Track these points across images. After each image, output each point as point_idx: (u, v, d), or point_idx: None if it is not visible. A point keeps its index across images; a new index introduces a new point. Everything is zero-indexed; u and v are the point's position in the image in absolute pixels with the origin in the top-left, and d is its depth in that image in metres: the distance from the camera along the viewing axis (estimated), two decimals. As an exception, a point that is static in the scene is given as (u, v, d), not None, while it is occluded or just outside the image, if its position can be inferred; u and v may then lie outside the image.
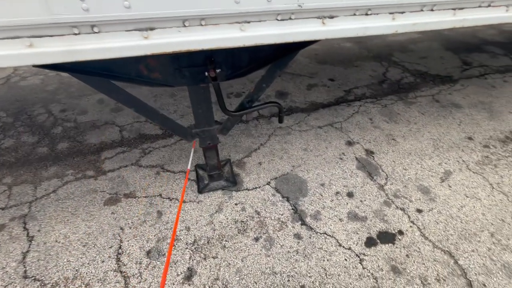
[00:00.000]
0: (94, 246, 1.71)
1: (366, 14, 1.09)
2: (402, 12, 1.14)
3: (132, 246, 1.72)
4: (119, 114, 2.87)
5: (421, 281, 1.57)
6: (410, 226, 1.85)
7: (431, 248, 1.73)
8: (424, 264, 1.65)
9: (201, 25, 0.94)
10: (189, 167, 1.92)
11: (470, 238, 1.79)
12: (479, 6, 1.24)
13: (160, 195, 2.04)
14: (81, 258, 1.65)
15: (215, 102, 1.55)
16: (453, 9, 1.20)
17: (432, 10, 1.17)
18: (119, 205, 1.96)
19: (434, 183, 2.16)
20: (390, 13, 1.13)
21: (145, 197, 2.02)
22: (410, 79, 3.57)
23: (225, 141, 2.53)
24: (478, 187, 2.14)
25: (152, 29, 0.90)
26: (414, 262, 1.66)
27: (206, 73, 1.33)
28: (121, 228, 1.81)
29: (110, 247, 1.71)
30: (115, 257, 1.66)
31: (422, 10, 1.17)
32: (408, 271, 1.61)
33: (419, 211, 1.95)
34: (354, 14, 1.08)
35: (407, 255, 1.69)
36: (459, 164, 2.34)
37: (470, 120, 2.85)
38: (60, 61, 0.84)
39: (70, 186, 2.09)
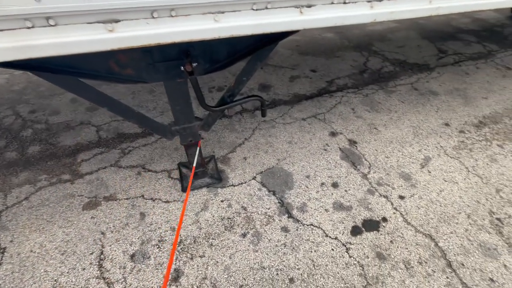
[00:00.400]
0: (73, 254, 1.63)
1: (344, 3, 1.07)
2: (380, 0, 1.12)
3: (115, 250, 1.65)
4: (95, 114, 2.73)
5: (405, 265, 1.62)
6: (394, 213, 1.90)
7: (413, 232, 1.79)
8: (407, 248, 1.71)
9: (171, 16, 0.88)
10: (194, 164, 1.78)
11: (448, 220, 1.87)
12: (454, -6, 1.25)
13: (143, 196, 1.97)
14: (59, 267, 1.57)
15: (194, 97, 1.49)
16: (429, -4, 1.20)
17: (408, -3, 1.17)
18: (99, 209, 1.87)
19: (415, 170, 2.23)
20: (368, 1, 1.11)
21: (127, 199, 1.95)
22: (390, 68, 3.64)
23: (209, 137, 2.47)
24: (455, 171, 2.22)
25: (117, 21, 0.82)
26: (398, 247, 1.71)
27: (182, 68, 1.26)
28: (102, 233, 1.74)
29: (91, 253, 1.63)
30: (97, 263, 1.59)
31: (399, -2, 1.16)
32: (393, 257, 1.66)
33: (401, 197, 2.01)
34: (332, 3, 1.05)
35: (391, 241, 1.74)
36: (437, 150, 2.42)
37: (446, 107, 2.94)
38: (12, 59, 0.75)
39: (44, 192, 1.97)
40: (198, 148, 1.79)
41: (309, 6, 1.02)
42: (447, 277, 1.58)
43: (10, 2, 0.68)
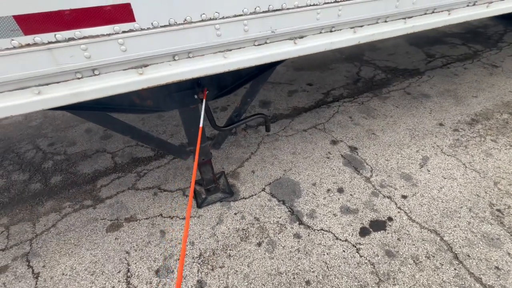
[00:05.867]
0: (102, 273, 1.75)
1: (331, 31, 1.26)
2: (361, 26, 1.31)
3: (140, 267, 1.77)
4: (109, 141, 2.91)
5: (413, 260, 1.72)
6: (398, 212, 2.01)
7: (419, 229, 1.89)
8: (414, 244, 1.80)
9: (189, 57, 1.06)
10: (201, 124, 1.79)
11: (451, 215, 1.97)
12: (425, 14, 1.44)
13: (161, 214, 2.10)
14: (91, 287, 1.68)
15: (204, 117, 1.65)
16: (403, 18, 1.39)
17: (386, 21, 1.36)
18: (121, 230, 2.00)
19: (414, 170, 2.35)
20: (351, 28, 1.30)
21: (146, 218, 2.08)
22: (382, 75, 3.84)
23: (217, 154, 2.63)
24: (453, 168, 2.34)
25: (146, 66, 1.01)
26: (405, 244, 1.81)
27: (196, 96, 1.44)
28: (127, 252, 1.86)
29: (119, 272, 1.75)
30: (125, 280, 1.70)
31: (377, 23, 1.35)
32: (401, 253, 1.76)
33: (404, 197, 2.12)
34: (320, 32, 1.24)
35: (398, 239, 1.84)
36: (434, 149, 2.55)
37: (439, 108, 3.10)
38: (66, 104, 0.93)
39: (70, 218, 2.11)
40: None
41: (301, 37, 1.21)
42: (455, 269, 1.67)
43: (66, 61, 0.86)
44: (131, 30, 0.91)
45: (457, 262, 1.70)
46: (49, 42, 0.82)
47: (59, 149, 2.85)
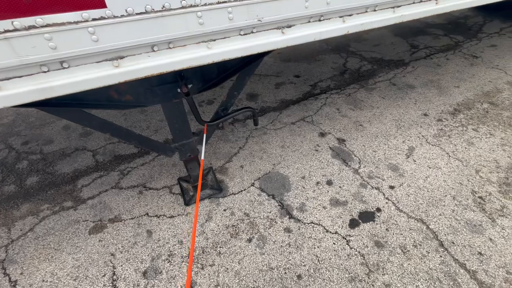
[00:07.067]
0: (86, 278, 1.67)
1: (319, 20, 1.21)
2: (350, 15, 1.27)
3: (127, 270, 1.70)
4: (89, 138, 2.77)
5: (401, 249, 1.75)
6: (386, 202, 2.04)
7: (406, 219, 1.93)
8: (402, 234, 1.84)
9: (170, 48, 0.98)
10: (202, 157, 1.77)
11: (436, 204, 2.02)
12: (413, 3, 1.42)
13: (147, 214, 2.02)
14: (74, 292, 1.60)
15: (188, 111, 1.58)
16: (392, 7, 1.36)
17: (375, 10, 1.32)
18: (105, 232, 1.91)
19: (401, 160, 2.39)
20: (340, 17, 1.25)
21: (132, 218, 2.00)
22: (368, 66, 3.85)
23: (205, 149, 2.55)
24: (438, 158, 2.40)
25: (122, 57, 0.92)
26: (393, 234, 1.84)
27: (179, 90, 1.36)
28: (112, 254, 1.78)
29: (104, 275, 1.68)
30: (111, 284, 1.63)
31: (367, 11, 1.31)
32: (390, 243, 1.79)
33: (392, 187, 2.15)
34: (309, 21, 1.19)
35: (386, 229, 1.87)
36: (419, 139, 2.60)
37: (423, 98, 3.15)
38: (31, 100, 0.83)
39: (49, 221, 1.99)
40: (204, 135, 1.68)
41: (289, 26, 1.15)
42: (441, 256, 1.71)
43: (26, 52, 0.76)
44: (102, 18, 0.81)
45: (442, 249, 1.75)
46: (6, 31, 0.72)
47: (34, 148, 2.68)
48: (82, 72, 0.88)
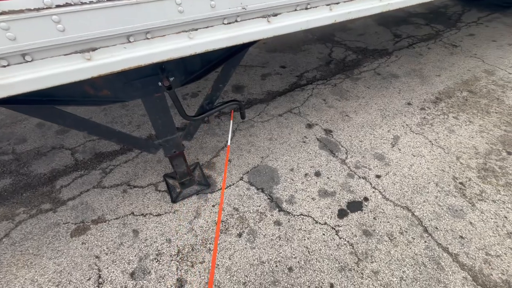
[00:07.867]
0: (69, 283, 1.59)
1: (306, 8, 1.16)
2: (337, 3, 1.23)
3: (113, 272, 1.64)
4: (67, 136, 2.61)
5: (389, 237, 1.79)
6: (373, 192, 2.07)
7: (393, 207, 1.97)
8: (389, 222, 1.88)
9: (147, 38, 0.91)
10: (229, 143, 1.69)
11: (421, 191, 2.08)
12: (400, -10, 1.40)
13: (132, 213, 1.95)
14: (57, 299, 1.53)
15: (171, 105, 1.51)
16: (379, -5, 1.33)
17: (362, -2, 1.29)
18: (89, 233, 1.83)
19: (387, 149, 2.43)
20: (327, 5, 1.21)
21: (116, 218, 1.92)
22: (353, 56, 3.85)
23: (191, 144, 2.48)
24: (421, 146, 2.46)
25: (94, 49, 0.84)
26: (380, 222, 1.88)
27: (160, 83, 1.28)
28: (97, 257, 1.71)
29: (88, 279, 1.61)
30: (96, 287, 1.57)
31: (353, -1, 1.28)
32: (377, 231, 1.82)
33: (378, 176, 2.19)
34: (296, 10, 1.14)
35: (374, 218, 1.90)
36: (404, 128, 2.65)
37: (407, 87, 3.20)
38: (-9, 99, 0.74)
39: (25, 226, 1.88)
40: (231, 122, 1.58)
41: (275, 15, 1.10)
42: (425, 241, 1.77)
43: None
44: (68, 4, 0.73)
45: (426, 235, 1.81)
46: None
47: (6, 147, 2.50)
48: (49, 66, 0.79)
